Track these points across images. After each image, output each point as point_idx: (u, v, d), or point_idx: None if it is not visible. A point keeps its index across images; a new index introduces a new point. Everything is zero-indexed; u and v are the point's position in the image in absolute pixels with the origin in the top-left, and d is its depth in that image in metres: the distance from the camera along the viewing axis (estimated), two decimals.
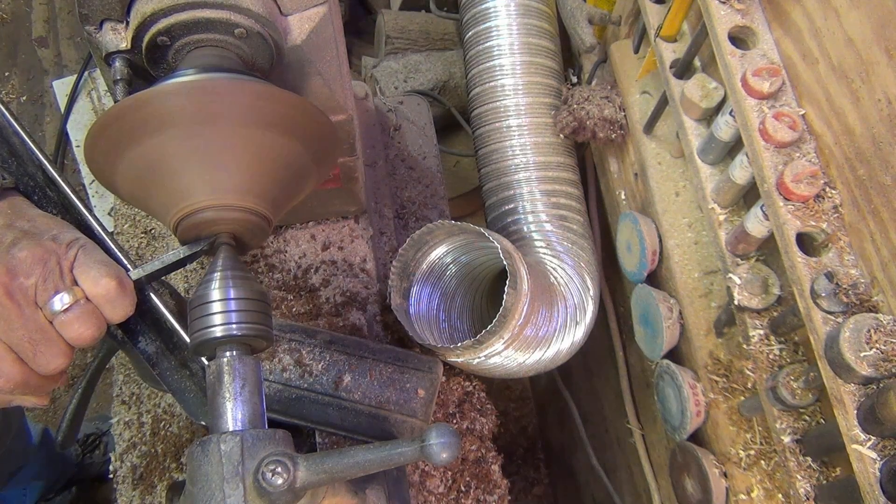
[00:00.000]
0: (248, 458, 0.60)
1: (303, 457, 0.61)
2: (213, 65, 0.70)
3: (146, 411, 1.23)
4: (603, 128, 1.37)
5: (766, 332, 1.03)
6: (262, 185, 0.68)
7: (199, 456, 0.61)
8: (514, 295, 1.04)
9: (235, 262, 0.67)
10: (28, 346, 0.63)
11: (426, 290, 1.23)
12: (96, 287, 0.65)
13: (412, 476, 1.11)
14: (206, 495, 0.59)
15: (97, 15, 0.72)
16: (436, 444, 0.61)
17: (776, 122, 0.95)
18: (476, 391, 1.22)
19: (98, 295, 0.65)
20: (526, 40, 1.41)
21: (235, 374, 0.64)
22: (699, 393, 1.14)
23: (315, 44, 0.80)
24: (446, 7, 2.10)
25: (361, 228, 1.27)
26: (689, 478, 1.15)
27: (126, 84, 0.73)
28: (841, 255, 0.92)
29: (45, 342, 0.63)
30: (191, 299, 0.66)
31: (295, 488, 0.59)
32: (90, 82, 2.16)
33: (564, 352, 1.22)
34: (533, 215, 1.36)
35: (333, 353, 1.03)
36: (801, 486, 0.95)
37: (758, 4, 1.05)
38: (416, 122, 1.56)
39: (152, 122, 0.64)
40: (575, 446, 2.11)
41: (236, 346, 0.65)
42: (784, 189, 0.93)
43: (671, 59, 1.21)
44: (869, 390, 0.83)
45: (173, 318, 0.74)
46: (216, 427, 0.63)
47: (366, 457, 0.62)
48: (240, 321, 0.64)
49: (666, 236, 1.25)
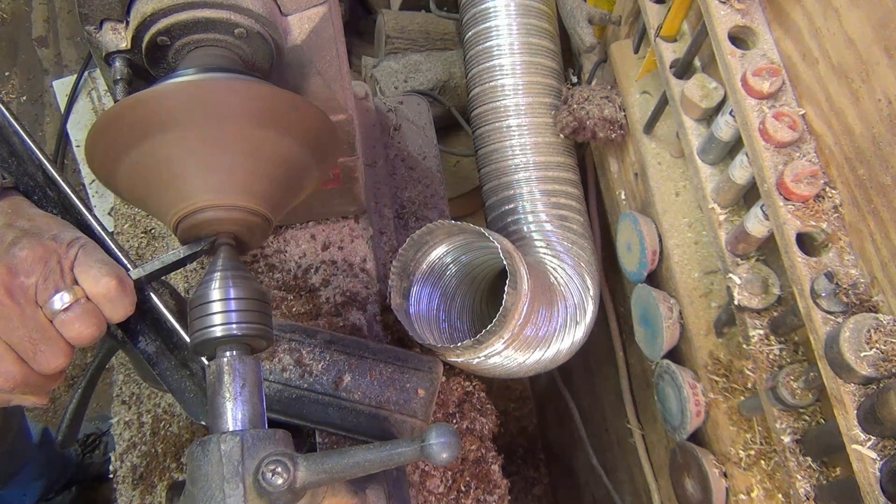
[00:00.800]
0: (249, 457, 0.60)
1: (303, 457, 0.61)
2: (213, 65, 0.70)
3: (146, 411, 1.23)
4: (603, 128, 1.37)
5: (766, 332, 1.03)
6: (262, 185, 0.68)
7: (199, 456, 0.61)
8: (514, 295, 1.04)
9: (235, 262, 0.67)
10: (28, 346, 0.62)
11: (426, 289, 1.23)
12: (97, 286, 0.65)
13: (412, 476, 1.11)
14: (206, 495, 0.59)
15: (97, 15, 0.72)
16: (436, 444, 0.61)
17: (776, 121, 0.95)
18: (476, 391, 1.22)
19: (98, 294, 0.65)
20: (526, 40, 1.41)
21: (235, 373, 0.64)
22: (699, 393, 1.14)
23: (315, 44, 0.80)
24: (446, 7, 2.10)
25: (361, 228, 1.27)
26: (689, 478, 1.15)
27: (126, 84, 0.73)
28: (841, 255, 0.92)
29: (45, 341, 0.63)
30: (191, 299, 0.66)
31: (295, 488, 0.59)
32: (90, 82, 2.16)
33: (564, 352, 1.22)
34: (533, 215, 1.36)
35: (333, 352, 1.03)
36: (801, 486, 0.95)
37: (758, 4, 1.05)
38: (416, 122, 1.56)
39: (152, 122, 0.64)
40: (575, 446, 2.11)
41: (236, 346, 0.65)
42: (784, 189, 0.93)
43: (671, 58, 1.21)
44: (869, 390, 0.83)
45: (173, 318, 0.74)
46: (216, 427, 0.63)
47: (366, 457, 0.62)
48: (240, 321, 0.64)
49: (666, 236, 1.25)
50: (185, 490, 0.63)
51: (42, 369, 0.64)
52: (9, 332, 0.62)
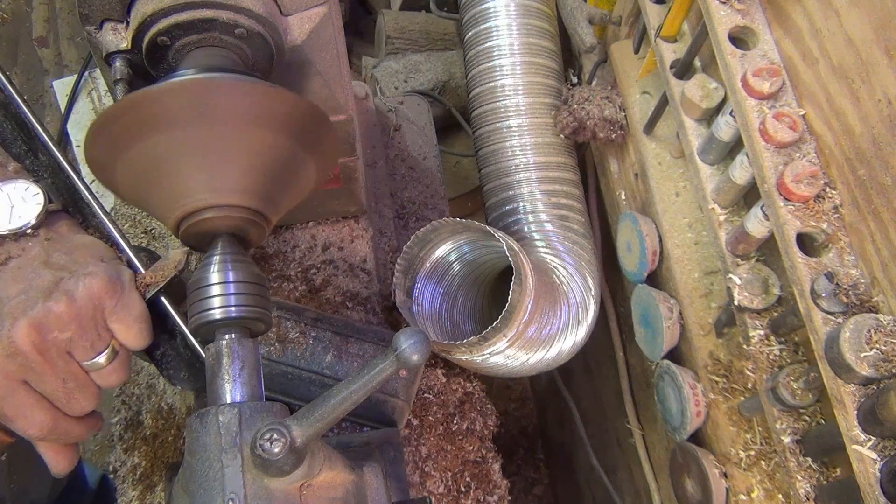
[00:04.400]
0: (247, 429, 0.60)
1: (290, 417, 0.61)
2: (213, 65, 0.70)
3: (146, 411, 1.23)
4: (603, 128, 1.37)
5: (766, 333, 1.03)
6: (261, 185, 0.68)
7: (198, 427, 0.61)
8: (520, 292, 1.04)
9: (234, 247, 0.68)
10: (62, 395, 0.64)
11: (429, 287, 1.23)
12: (129, 334, 0.67)
13: (412, 476, 1.11)
14: (205, 466, 0.60)
15: (97, 15, 0.72)
16: (407, 347, 0.61)
17: (776, 122, 0.95)
18: (476, 391, 1.22)
19: (129, 340, 0.67)
20: (526, 40, 1.41)
21: (234, 356, 0.64)
22: (699, 393, 1.14)
23: (315, 44, 0.80)
24: (446, 7, 2.10)
25: (361, 228, 1.27)
26: (689, 478, 1.15)
27: (126, 84, 0.73)
28: (841, 256, 0.92)
29: (78, 389, 0.65)
30: (190, 282, 0.66)
31: (296, 448, 0.59)
32: (90, 82, 2.16)
33: (566, 351, 1.22)
34: (533, 215, 1.36)
35: (319, 330, 1.02)
36: (801, 486, 0.95)
37: (758, 4, 1.05)
38: (416, 122, 1.56)
39: (152, 122, 0.64)
40: (575, 446, 2.11)
41: (235, 329, 0.65)
42: (784, 189, 0.93)
43: (671, 59, 1.21)
44: (869, 391, 0.83)
45: (154, 288, 0.74)
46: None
47: (349, 388, 0.62)
48: (239, 304, 0.65)
49: (666, 236, 1.25)
50: (183, 461, 0.64)
51: (74, 412, 0.65)
52: (42, 385, 0.63)
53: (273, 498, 0.60)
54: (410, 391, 1.03)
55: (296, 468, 0.60)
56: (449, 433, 1.14)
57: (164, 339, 0.75)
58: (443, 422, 1.15)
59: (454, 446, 1.14)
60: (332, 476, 0.67)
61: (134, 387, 1.26)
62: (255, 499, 0.59)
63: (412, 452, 1.11)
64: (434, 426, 1.14)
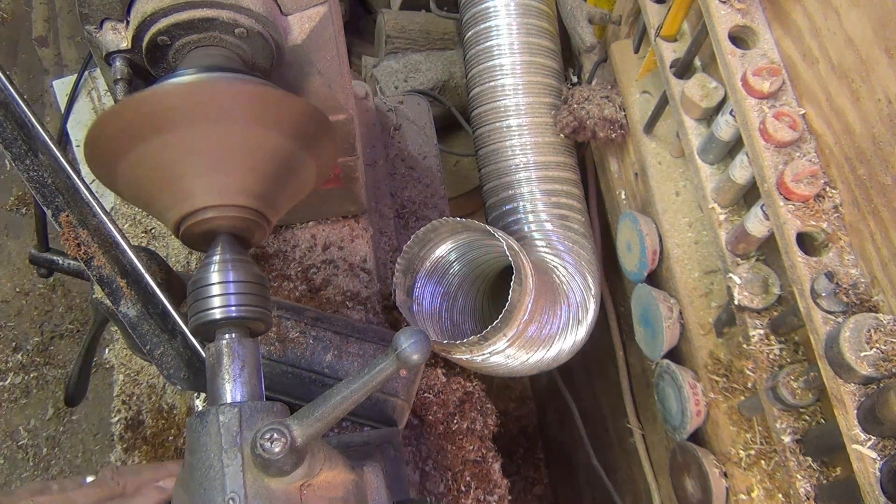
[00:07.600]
0: (247, 428, 0.60)
1: (290, 417, 0.61)
2: (213, 64, 0.70)
3: (147, 411, 1.23)
4: (603, 127, 1.37)
5: (767, 332, 1.03)
6: (261, 185, 0.68)
7: (198, 427, 0.61)
8: (520, 291, 1.04)
9: (234, 247, 0.68)
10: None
11: (430, 287, 1.23)
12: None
13: (412, 476, 1.11)
14: (205, 465, 0.60)
15: (97, 14, 0.72)
16: (407, 347, 0.61)
17: (776, 121, 0.95)
18: (476, 391, 1.22)
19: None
20: (526, 40, 1.41)
21: (235, 356, 0.64)
22: (699, 393, 1.14)
23: (315, 43, 0.80)
24: (446, 7, 2.10)
25: (361, 228, 1.27)
26: (689, 478, 1.15)
27: (126, 84, 0.73)
28: (841, 255, 0.92)
29: None
30: (190, 282, 0.66)
31: (296, 447, 0.59)
32: (90, 82, 2.15)
33: (566, 351, 1.22)
34: (533, 215, 1.36)
35: (319, 330, 1.02)
36: (801, 485, 0.95)
37: (758, 4, 1.05)
38: (416, 121, 1.56)
39: (152, 122, 0.64)
40: (575, 446, 2.11)
41: (235, 329, 0.65)
42: (784, 189, 0.93)
43: (671, 58, 1.21)
44: (869, 390, 0.83)
45: (154, 283, 0.74)
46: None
47: (349, 388, 0.62)
48: (239, 304, 0.64)
49: (666, 236, 1.25)
50: (183, 461, 0.64)
51: None
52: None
53: (273, 497, 0.60)
54: (411, 391, 1.03)
55: (296, 468, 0.60)
56: (449, 433, 1.14)
57: (164, 339, 0.75)
58: (443, 421, 1.15)
59: (454, 446, 1.14)
60: (332, 476, 0.67)
61: (134, 387, 1.26)
62: (256, 498, 0.59)
63: (412, 452, 1.11)
64: (434, 426, 1.14)
